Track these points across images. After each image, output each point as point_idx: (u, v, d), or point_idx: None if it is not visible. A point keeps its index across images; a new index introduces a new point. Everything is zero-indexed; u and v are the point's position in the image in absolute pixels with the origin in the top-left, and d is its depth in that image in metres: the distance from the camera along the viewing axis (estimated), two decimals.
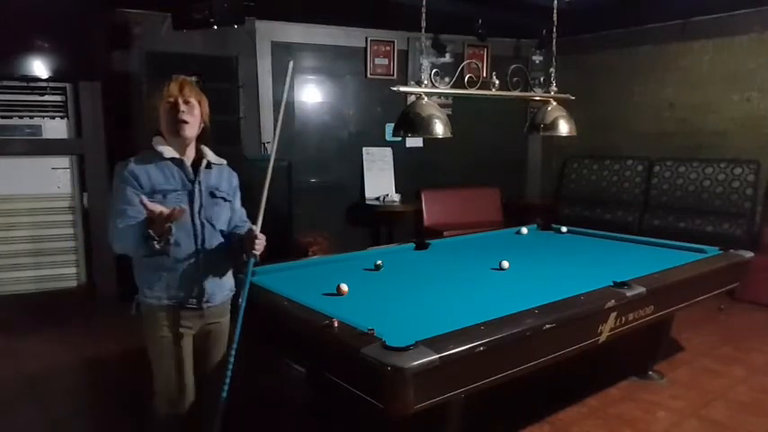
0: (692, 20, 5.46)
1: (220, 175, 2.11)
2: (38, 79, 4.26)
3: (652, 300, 2.71)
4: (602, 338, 2.52)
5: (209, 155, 2.08)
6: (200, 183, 2.01)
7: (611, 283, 2.63)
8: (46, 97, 4.46)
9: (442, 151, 5.93)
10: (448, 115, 3.29)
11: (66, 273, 4.68)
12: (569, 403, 3.02)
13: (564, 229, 4.19)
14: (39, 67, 4.13)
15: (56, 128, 4.52)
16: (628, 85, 6.08)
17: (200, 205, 2.00)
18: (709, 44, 5.44)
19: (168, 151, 1.96)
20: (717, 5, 5.09)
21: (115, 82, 4.72)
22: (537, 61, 6.46)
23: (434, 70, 3.16)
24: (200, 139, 2.06)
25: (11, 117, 4.36)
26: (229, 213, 2.13)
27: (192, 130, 1.98)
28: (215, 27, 4.25)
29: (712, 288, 3.23)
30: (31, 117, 4.43)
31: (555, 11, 3.64)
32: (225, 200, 2.10)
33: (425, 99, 3.05)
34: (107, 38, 4.58)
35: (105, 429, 2.95)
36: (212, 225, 2.04)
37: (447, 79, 3.21)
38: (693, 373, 3.47)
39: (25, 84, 4.34)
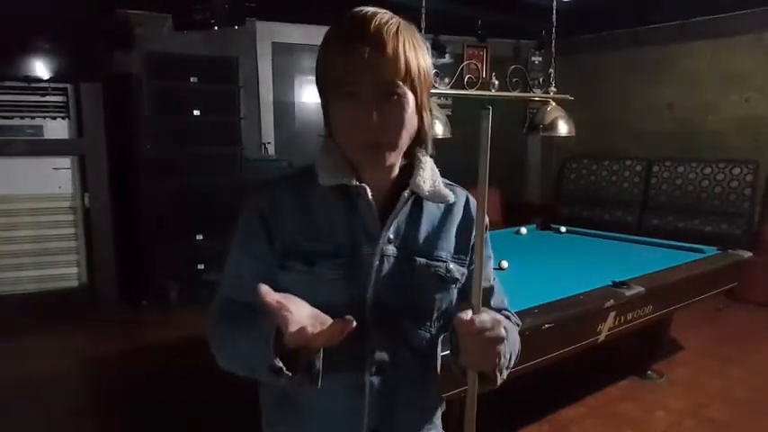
0: (691, 20, 5.47)
1: (445, 217, 1.03)
2: (39, 80, 4.26)
3: (651, 299, 2.72)
4: (602, 338, 2.53)
5: (426, 174, 1.00)
6: (391, 237, 0.96)
7: (611, 283, 2.64)
8: (47, 98, 4.46)
9: (441, 151, 5.86)
10: (447, 116, 3.31)
11: (66, 273, 4.68)
12: (569, 402, 3.03)
13: (563, 228, 4.20)
14: (40, 68, 4.16)
15: (57, 128, 4.52)
16: (627, 86, 6.09)
17: (382, 286, 0.95)
18: (708, 45, 5.45)
19: (328, 176, 0.94)
20: (716, 6, 5.10)
21: (116, 83, 4.73)
22: (536, 62, 6.48)
23: (434, 71, 3.17)
24: (417, 138, 0.99)
25: (12, 117, 4.37)
26: (451, 299, 1.02)
27: (397, 154, 0.95)
28: (216, 28, 4.26)
29: (711, 288, 3.25)
30: (33, 117, 4.43)
31: (554, 11, 3.65)
32: (444, 276, 0.99)
33: None
34: (108, 39, 4.59)
35: (105, 430, 2.95)
36: (409, 326, 0.99)
37: (447, 80, 3.23)
38: (692, 372, 3.49)
39: (26, 84, 4.34)
